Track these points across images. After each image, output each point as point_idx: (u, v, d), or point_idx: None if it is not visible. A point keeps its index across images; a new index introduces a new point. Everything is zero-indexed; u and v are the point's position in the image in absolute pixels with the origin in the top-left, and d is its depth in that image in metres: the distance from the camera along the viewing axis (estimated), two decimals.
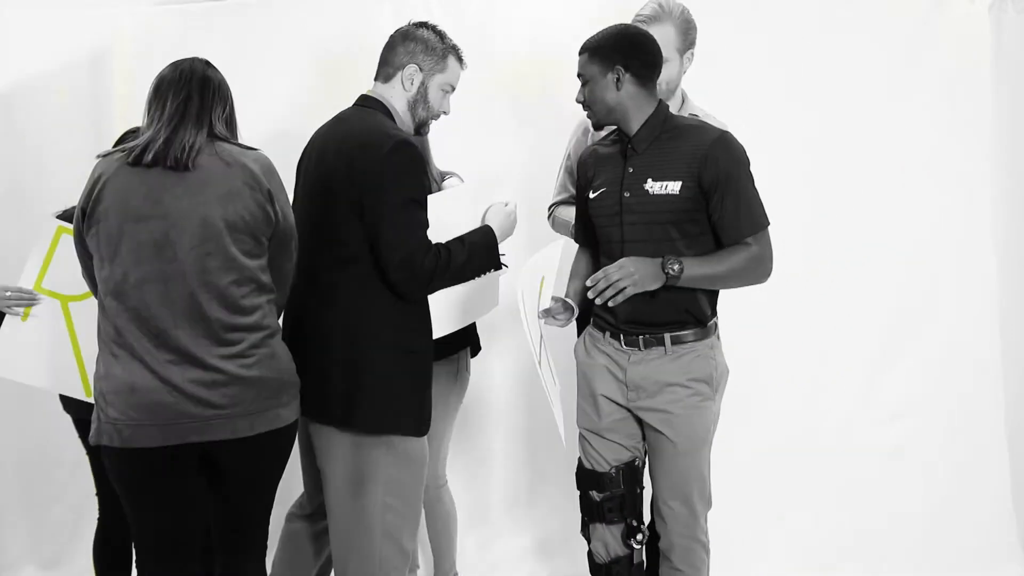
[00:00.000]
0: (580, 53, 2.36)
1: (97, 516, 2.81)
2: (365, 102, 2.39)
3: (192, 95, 2.14)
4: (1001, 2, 3.40)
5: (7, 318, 2.55)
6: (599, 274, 2.21)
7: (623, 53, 2.30)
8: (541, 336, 2.27)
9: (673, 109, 2.71)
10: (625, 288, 2.18)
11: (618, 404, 2.40)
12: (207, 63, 2.24)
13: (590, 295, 2.22)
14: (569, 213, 2.82)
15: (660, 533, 2.41)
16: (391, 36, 2.43)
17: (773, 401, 3.49)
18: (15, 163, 3.54)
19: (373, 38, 3.45)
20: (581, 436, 2.48)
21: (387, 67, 2.40)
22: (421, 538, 3.13)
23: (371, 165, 2.20)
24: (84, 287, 2.34)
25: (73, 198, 3.25)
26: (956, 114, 3.43)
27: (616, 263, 2.21)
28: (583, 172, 2.50)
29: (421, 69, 2.37)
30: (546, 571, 3.47)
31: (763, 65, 3.42)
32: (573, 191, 2.84)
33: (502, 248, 2.38)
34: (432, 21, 2.48)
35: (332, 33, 3.50)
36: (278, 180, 2.21)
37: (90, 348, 2.19)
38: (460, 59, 2.43)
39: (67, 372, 2.56)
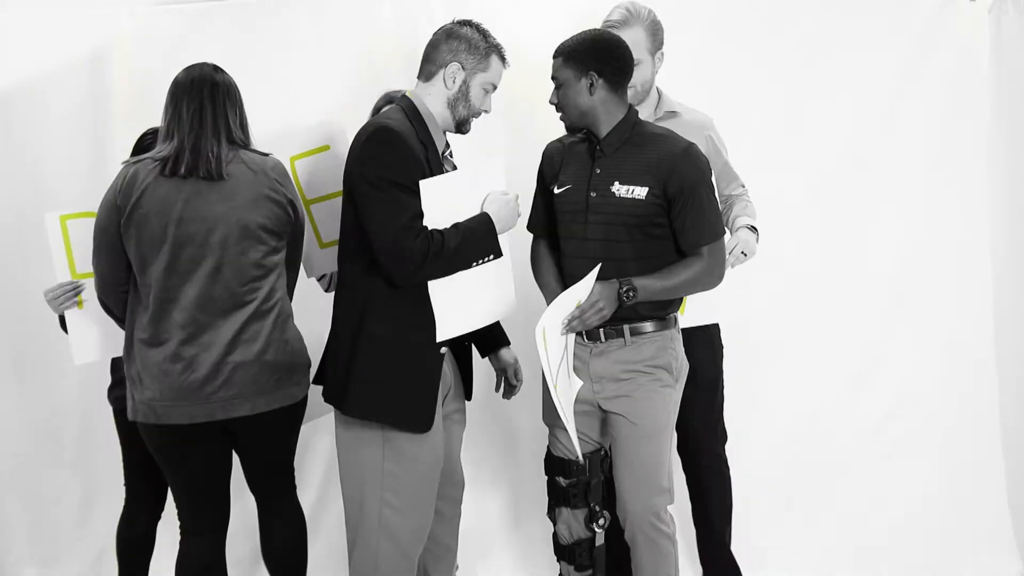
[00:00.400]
0: (555, 56, 2.40)
1: (123, 502, 2.85)
2: (400, 100, 2.40)
3: (204, 102, 2.32)
4: (1001, 2, 3.39)
5: (67, 314, 2.69)
6: (578, 313, 2.27)
7: (597, 59, 2.34)
8: (566, 348, 2.30)
9: (649, 107, 2.83)
10: (592, 323, 2.30)
11: (584, 401, 2.43)
12: (215, 67, 2.37)
13: (566, 331, 2.28)
14: None
15: (624, 527, 2.46)
16: (435, 34, 2.41)
17: (769, 402, 3.49)
18: (15, 163, 3.53)
19: (373, 38, 3.49)
20: (550, 431, 2.57)
21: (430, 65, 2.39)
22: None
23: (352, 154, 2.27)
24: None
25: (72, 198, 3.29)
26: (956, 114, 3.43)
27: (590, 299, 2.28)
28: (549, 163, 2.55)
29: (464, 67, 2.36)
30: (545, 570, 3.47)
31: (763, 66, 3.42)
32: None
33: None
34: (436, 21, 2.47)
35: (332, 33, 3.50)
36: (291, 182, 2.46)
37: None
38: (503, 58, 2.43)
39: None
